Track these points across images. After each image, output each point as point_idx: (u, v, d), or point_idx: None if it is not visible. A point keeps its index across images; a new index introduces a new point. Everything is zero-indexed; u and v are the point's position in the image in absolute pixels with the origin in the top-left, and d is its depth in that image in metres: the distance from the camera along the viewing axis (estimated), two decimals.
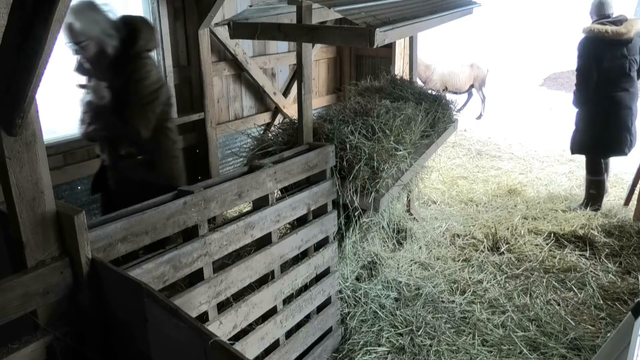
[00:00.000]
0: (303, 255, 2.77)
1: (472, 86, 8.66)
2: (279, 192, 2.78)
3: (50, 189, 1.48)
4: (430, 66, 8.48)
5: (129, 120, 2.48)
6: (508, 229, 4.39)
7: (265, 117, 5.26)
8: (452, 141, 6.98)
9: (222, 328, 2.19)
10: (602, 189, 4.81)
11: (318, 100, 5.84)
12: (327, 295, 2.94)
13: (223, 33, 4.41)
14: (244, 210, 3.55)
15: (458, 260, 3.97)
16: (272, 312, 2.51)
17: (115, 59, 2.50)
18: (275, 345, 2.57)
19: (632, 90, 4.53)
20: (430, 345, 3.02)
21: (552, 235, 4.26)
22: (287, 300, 2.64)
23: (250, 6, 3.12)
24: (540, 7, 18.96)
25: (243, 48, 4.70)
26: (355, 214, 3.06)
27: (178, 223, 1.96)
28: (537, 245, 4.16)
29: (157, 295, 1.36)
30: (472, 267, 3.86)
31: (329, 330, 3.01)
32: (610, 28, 4.35)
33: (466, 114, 8.51)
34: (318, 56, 5.78)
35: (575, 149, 4.87)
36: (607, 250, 4.05)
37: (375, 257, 3.69)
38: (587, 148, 4.78)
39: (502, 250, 4.08)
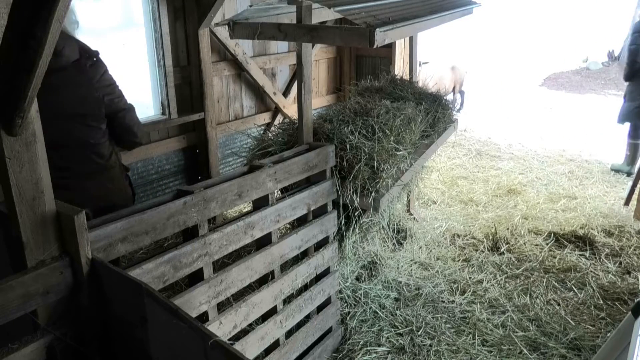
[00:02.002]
0: (303, 255, 2.77)
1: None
2: (279, 192, 2.78)
3: (50, 188, 1.48)
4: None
5: None
6: (508, 229, 4.40)
7: (265, 117, 5.26)
8: (452, 141, 6.99)
9: (222, 328, 2.19)
10: (636, 152, 5.79)
11: (318, 100, 5.84)
12: (327, 295, 2.94)
13: (223, 33, 4.41)
14: (244, 210, 3.56)
15: (458, 260, 3.97)
16: (272, 312, 2.52)
17: None
18: (275, 345, 2.57)
19: None
20: (430, 345, 3.02)
21: (552, 235, 4.27)
22: (287, 300, 2.64)
23: (250, 6, 3.12)
24: (540, 7, 18.96)
25: (243, 48, 4.70)
26: (355, 214, 3.06)
27: (178, 223, 1.96)
28: (537, 245, 4.16)
29: (157, 295, 1.36)
30: (472, 267, 3.86)
31: (329, 330, 3.02)
32: None
33: (466, 114, 8.52)
34: (318, 56, 5.78)
35: (619, 118, 5.84)
36: (607, 250, 4.05)
37: (375, 257, 3.69)
38: (621, 115, 5.77)
39: (502, 250, 4.08)
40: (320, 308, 2.92)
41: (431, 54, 8.93)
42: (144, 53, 4.09)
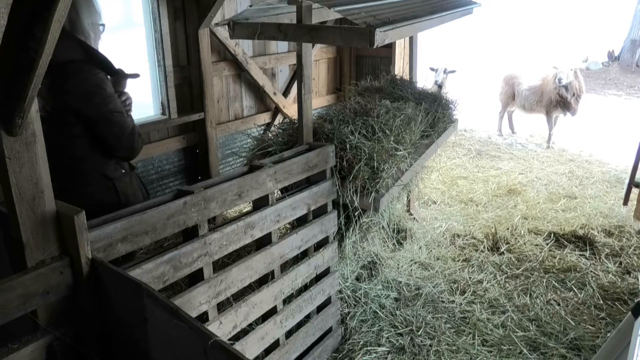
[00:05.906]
0: (303, 255, 2.77)
1: None
2: (279, 192, 2.78)
3: (50, 188, 1.48)
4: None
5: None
6: (508, 229, 4.40)
7: (265, 117, 5.26)
8: (452, 141, 6.99)
9: (222, 328, 2.19)
10: None
11: (318, 100, 5.84)
12: (327, 295, 2.94)
13: (223, 33, 4.41)
14: (244, 210, 3.56)
15: (458, 260, 3.97)
16: (272, 312, 2.51)
17: None
18: (275, 345, 2.57)
19: None
20: (430, 345, 3.02)
21: (552, 235, 4.27)
22: (287, 300, 2.64)
23: (250, 6, 3.12)
24: (540, 7, 18.95)
25: (243, 48, 4.70)
26: (355, 214, 3.06)
27: (178, 223, 1.96)
28: (537, 245, 4.16)
29: (157, 295, 1.36)
30: (472, 267, 3.86)
31: (329, 330, 3.01)
32: None
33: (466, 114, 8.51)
34: (318, 56, 5.78)
35: None
36: (607, 250, 4.05)
37: (375, 257, 3.69)
38: None
39: (502, 250, 4.08)
40: (320, 308, 2.92)
41: (454, 60, 8.76)
42: (144, 53, 4.09)
